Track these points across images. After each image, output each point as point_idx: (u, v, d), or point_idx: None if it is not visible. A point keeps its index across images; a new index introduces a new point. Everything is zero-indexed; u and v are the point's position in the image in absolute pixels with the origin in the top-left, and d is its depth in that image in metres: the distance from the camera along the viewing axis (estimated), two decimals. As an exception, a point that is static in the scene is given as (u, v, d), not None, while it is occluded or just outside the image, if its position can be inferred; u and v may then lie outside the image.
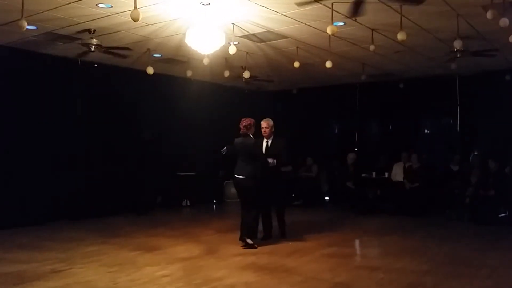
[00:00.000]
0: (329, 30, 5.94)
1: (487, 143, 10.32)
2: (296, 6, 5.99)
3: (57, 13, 6.31)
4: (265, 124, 6.95)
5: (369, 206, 9.96)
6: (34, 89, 8.45)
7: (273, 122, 7.02)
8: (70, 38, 7.54)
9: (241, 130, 6.66)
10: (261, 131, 6.98)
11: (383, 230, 8.07)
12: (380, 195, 10.34)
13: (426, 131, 11.81)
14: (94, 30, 7.06)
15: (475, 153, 10.09)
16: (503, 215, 8.64)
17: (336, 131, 13.37)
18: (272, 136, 6.97)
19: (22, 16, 5.64)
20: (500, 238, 7.37)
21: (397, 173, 10.24)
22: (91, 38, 7.16)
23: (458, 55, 7.29)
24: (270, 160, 6.69)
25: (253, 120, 6.71)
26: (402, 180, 9.97)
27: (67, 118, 8.97)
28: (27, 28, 5.95)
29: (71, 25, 6.88)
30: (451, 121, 11.27)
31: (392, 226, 8.49)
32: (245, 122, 6.65)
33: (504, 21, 5.64)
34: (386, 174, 10.36)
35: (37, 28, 6.99)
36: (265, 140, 6.99)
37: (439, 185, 9.83)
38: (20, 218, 7.87)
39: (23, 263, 5.61)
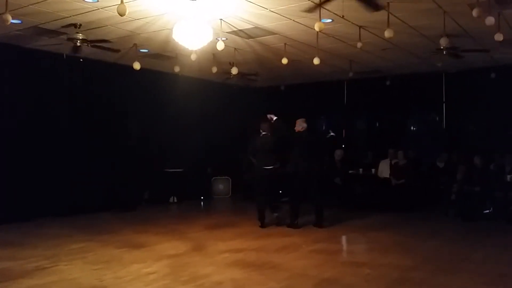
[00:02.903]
0: (316, 27, 5.94)
1: (472, 140, 10.45)
2: (283, 2, 6.00)
3: (42, 7, 6.22)
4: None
5: (356, 202, 10.02)
6: (18, 84, 8.34)
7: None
8: (55, 33, 7.45)
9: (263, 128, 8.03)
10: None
11: (370, 226, 8.12)
12: (367, 192, 10.40)
13: (412, 128, 11.91)
14: (80, 25, 6.98)
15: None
16: (487, 211, 8.75)
17: (323, 127, 13.40)
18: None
19: (6, 9, 5.54)
20: (485, 234, 7.46)
21: (383, 169, 10.33)
22: (77, 32, 7.08)
23: (444, 53, 7.36)
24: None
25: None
26: (388, 176, 10.05)
27: (51, 113, 8.87)
28: (11, 22, 5.86)
29: (56, 20, 6.79)
30: (437, 118, 11.38)
31: (378, 222, 8.55)
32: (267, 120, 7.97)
33: (490, 20, 5.70)
34: (373, 171, 10.44)
35: (21, 22, 6.89)
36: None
37: (425, 181, 9.93)
38: (5, 215, 7.75)
39: (7, 260, 5.55)
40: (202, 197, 11.66)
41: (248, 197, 11.63)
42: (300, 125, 8.05)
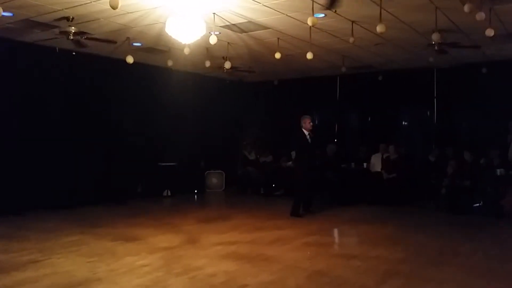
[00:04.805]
0: (309, 22, 5.96)
1: (463, 134, 10.55)
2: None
3: (34, 0, 6.18)
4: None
5: (348, 196, 10.09)
6: (10, 77, 8.30)
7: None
8: (48, 26, 7.40)
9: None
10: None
11: (361, 220, 8.21)
12: (358, 186, 10.48)
13: (404, 122, 12.00)
14: (73, 18, 6.94)
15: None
16: (477, 205, 8.85)
17: (316, 122, 13.44)
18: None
19: (-3, 2, 5.53)
20: (474, 228, 7.57)
21: (375, 164, 10.42)
22: (69, 26, 7.05)
23: (436, 48, 7.41)
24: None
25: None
26: (380, 170, 10.14)
27: (44, 106, 8.84)
28: (2, 15, 5.83)
29: (49, 13, 6.75)
30: (428, 113, 11.46)
31: (369, 216, 8.64)
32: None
33: (480, 15, 5.76)
34: (365, 165, 10.52)
35: (13, 15, 6.84)
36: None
37: (416, 175, 10.02)
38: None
39: (0, 253, 5.55)
40: (195, 191, 11.69)
41: (241, 191, 11.75)
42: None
